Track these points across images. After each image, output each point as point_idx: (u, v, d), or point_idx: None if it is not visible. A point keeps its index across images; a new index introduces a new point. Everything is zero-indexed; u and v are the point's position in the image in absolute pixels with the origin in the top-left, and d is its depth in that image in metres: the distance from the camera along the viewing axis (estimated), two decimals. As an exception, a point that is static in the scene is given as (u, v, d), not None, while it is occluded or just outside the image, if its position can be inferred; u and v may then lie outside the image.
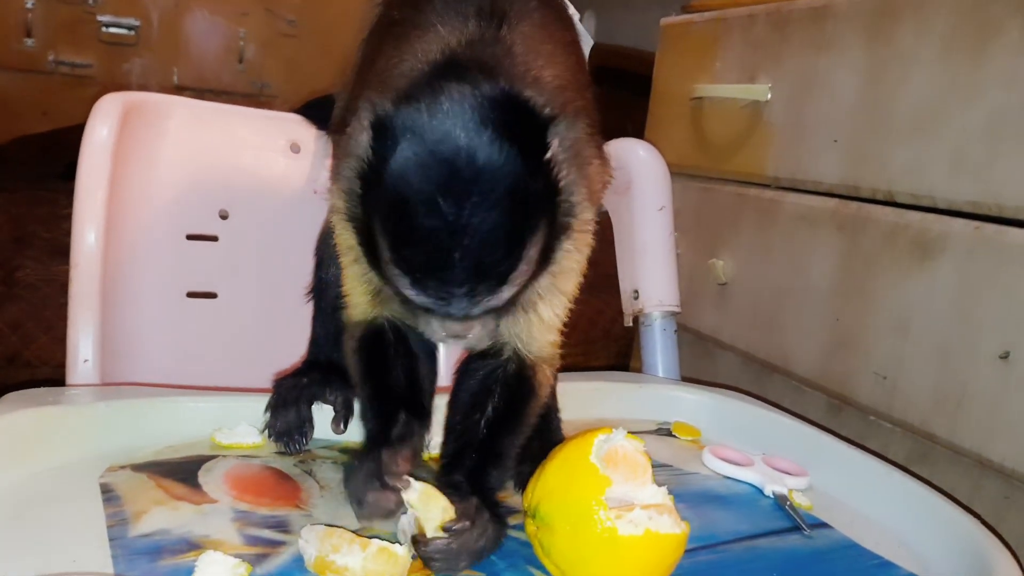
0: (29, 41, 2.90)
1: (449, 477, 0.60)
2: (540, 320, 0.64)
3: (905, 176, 1.10)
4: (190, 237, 0.99)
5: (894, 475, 0.75)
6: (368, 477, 0.57)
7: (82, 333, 0.83)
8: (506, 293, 0.54)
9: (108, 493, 0.59)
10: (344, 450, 0.71)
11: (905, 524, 0.70)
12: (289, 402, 0.70)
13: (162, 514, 0.57)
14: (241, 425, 0.70)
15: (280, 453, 0.69)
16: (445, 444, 0.66)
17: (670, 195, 1.06)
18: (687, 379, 1.01)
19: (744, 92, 1.36)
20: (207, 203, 1.00)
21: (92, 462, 0.62)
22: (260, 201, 1.04)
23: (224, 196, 1.01)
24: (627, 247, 1.02)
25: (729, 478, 0.76)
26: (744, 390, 0.97)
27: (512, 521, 0.62)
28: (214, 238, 1.01)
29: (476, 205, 0.49)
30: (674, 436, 0.84)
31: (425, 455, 0.72)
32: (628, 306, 1.03)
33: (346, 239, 0.63)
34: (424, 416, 0.66)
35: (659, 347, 0.99)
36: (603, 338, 1.83)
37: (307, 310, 0.99)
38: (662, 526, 0.52)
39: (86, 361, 0.83)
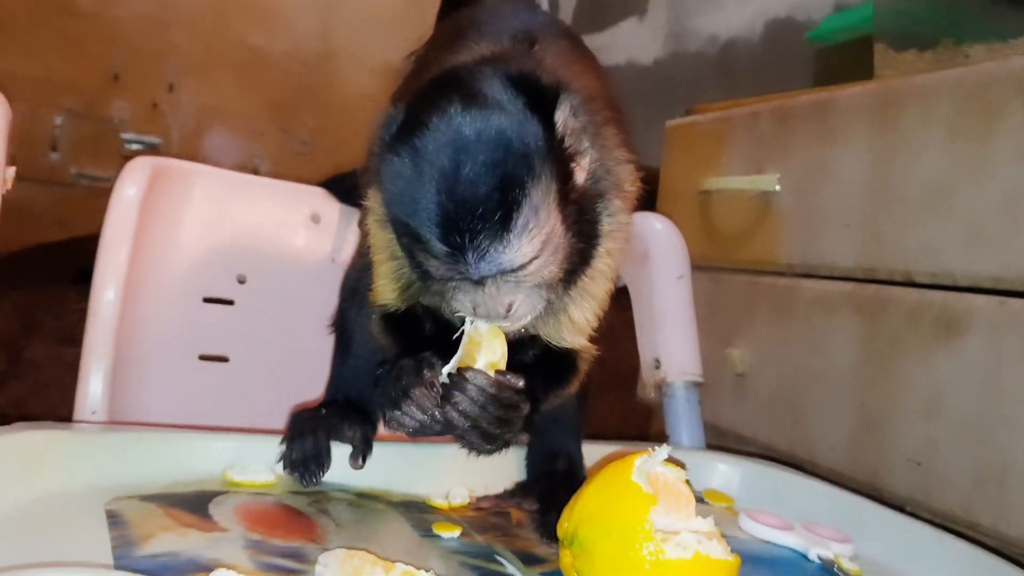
0: (54, 155, 3.01)
1: None
2: (570, 322, 0.64)
3: (923, 256, 1.10)
4: (207, 300, 0.98)
5: (944, 539, 0.70)
6: (411, 372, 0.56)
7: (92, 384, 0.80)
8: (517, 246, 0.53)
9: (114, 518, 0.55)
10: (361, 494, 0.67)
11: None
12: (306, 432, 0.67)
13: (170, 538, 0.53)
14: (254, 464, 0.66)
15: (294, 492, 0.65)
16: None
17: (688, 266, 1.06)
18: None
19: (753, 183, 1.38)
20: (226, 267, 1.00)
21: (98, 491, 0.58)
22: (278, 268, 1.04)
23: (243, 261, 1.01)
24: (646, 316, 1.01)
25: (769, 543, 0.71)
26: (776, 459, 0.93)
27: (541, 570, 0.57)
28: (230, 302, 1.00)
29: (467, 155, 0.51)
30: (706, 503, 0.80)
31: (445, 504, 0.68)
32: (649, 376, 1.01)
33: (379, 237, 0.63)
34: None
35: (683, 418, 0.95)
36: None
37: (319, 380, 0.97)
38: (712, 551, 0.48)
39: (94, 412, 0.80)
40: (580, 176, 0.57)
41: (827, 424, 1.22)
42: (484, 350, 0.57)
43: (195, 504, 0.59)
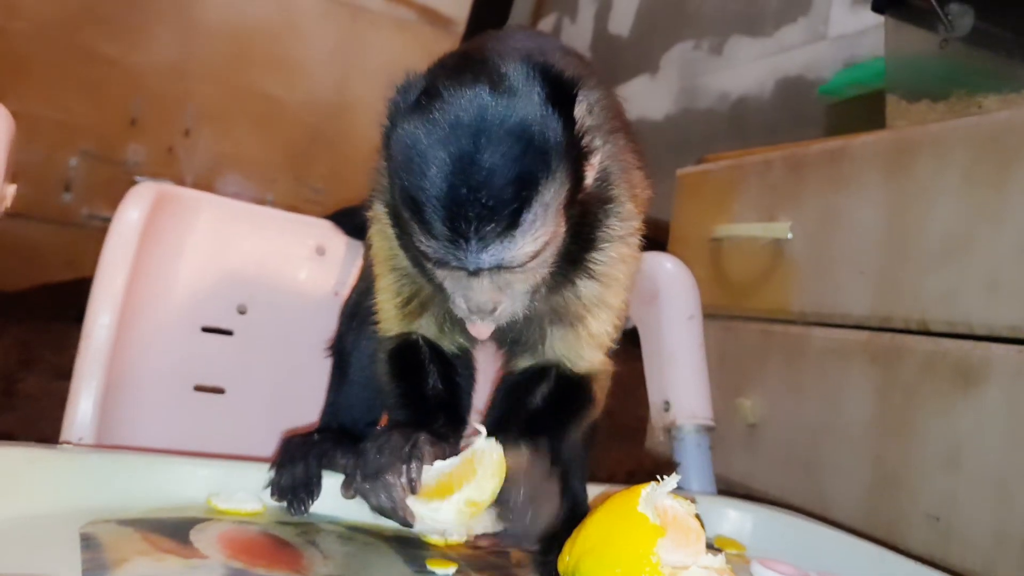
0: (67, 196, 3.04)
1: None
2: (589, 335, 0.61)
3: (939, 304, 1.07)
4: (205, 329, 0.96)
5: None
6: (393, 453, 0.53)
7: (81, 409, 0.78)
8: (520, 243, 0.51)
9: (88, 541, 0.52)
10: (352, 527, 0.63)
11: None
12: (297, 458, 0.64)
13: (145, 563, 0.50)
14: (240, 492, 0.63)
15: (281, 523, 0.61)
16: (486, 418, 0.61)
17: (699, 306, 1.03)
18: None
19: (765, 231, 1.36)
20: (226, 296, 0.98)
21: (75, 513, 0.55)
22: (280, 299, 1.02)
23: (245, 291, 0.99)
24: (656, 357, 0.98)
25: (785, 592, 0.67)
26: (791, 505, 0.89)
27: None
28: (229, 332, 0.97)
29: (486, 141, 0.49)
30: (716, 550, 0.76)
31: (441, 541, 0.64)
32: (658, 419, 0.97)
33: (381, 248, 0.61)
34: (459, 424, 0.61)
35: (693, 462, 0.92)
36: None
37: (316, 415, 0.94)
38: (724, 588, 0.45)
39: (80, 439, 0.77)
40: (590, 175, 0.56)
41: (842, 477, 1.17)
42: (475, 482, 0.54)
43: (175, 530, 0.56)
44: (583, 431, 0.64)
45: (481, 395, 0.74)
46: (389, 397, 0.64)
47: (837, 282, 1.23)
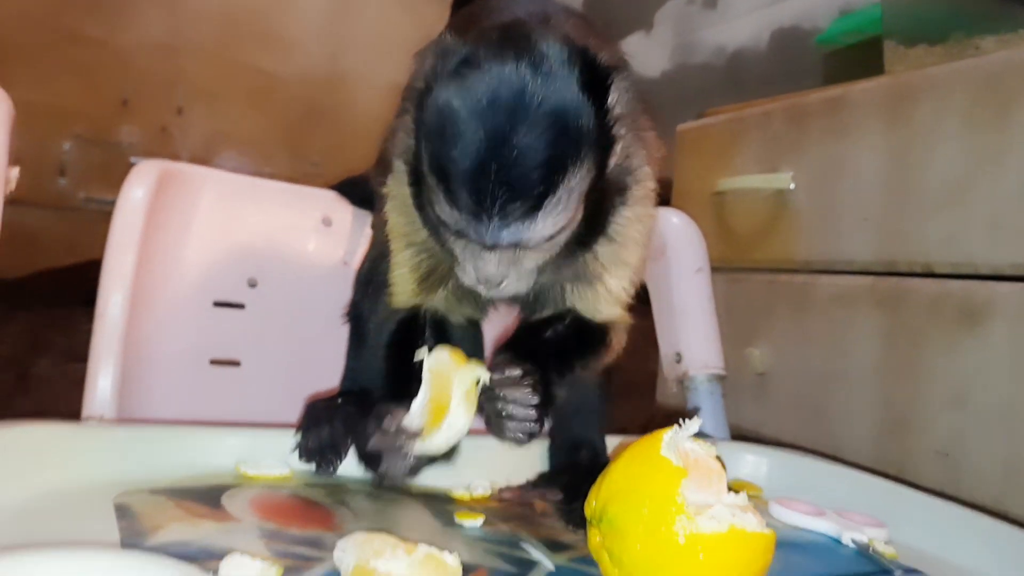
0: (62, 180, 3.02)
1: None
2: (607, 291, 0.62)
3: (942, 246, 1.08)
4: (217, 304, 0.97)
5: (982, 520, 0.68)
6: (384, 441, 0.54)
7: (100, 386, 0.78)
8: (540, 227, 0.52)
9: (122, 511, 0.53)
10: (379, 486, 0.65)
11: (1003, 570, 0.62)
12: (322, 421, 0.65)
13: (181, 528, 0.51)
14: (267, 458, 0.64)
15: (310, 485, 0.63)
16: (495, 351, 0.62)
17: (706, 259, 1.04)
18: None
19: (767, 182, 1.37)
20: (236, 271, 0.99)
21: (106, 486, 0.56)
22: (290, 272, 1.02)
23: (254, 265, 1.00)
24: (666, 310, 0.99)
25: (802, 529, 0.69)
26: (805, 448, 0.91)
27: (564, 557, 0.55)
28: (241, 306, 0.98)
29: (521, 121, 0.49)
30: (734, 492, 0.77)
31: (466, 496, 0.66)
32: (670, 371, 0.99)
33: (397, 224, 0.61)
34: None
35: (706, 410, 0.93)
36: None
37: (331, 384, 0.95)
38: (748, 524, 0.46)
39: (102, 416, 0.78)
40: (612, 162, 0.57)
41: (851, 421, 1.19)
42: (451, 411, 0.54)
43: (207, 496, 0.57)
44: (594, 374, 0.65)
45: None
46: (379, 374, 0.66)
47: (841, 229, 1.24)
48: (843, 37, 1.67)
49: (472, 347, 0.68)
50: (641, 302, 1.07)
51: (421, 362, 0.55)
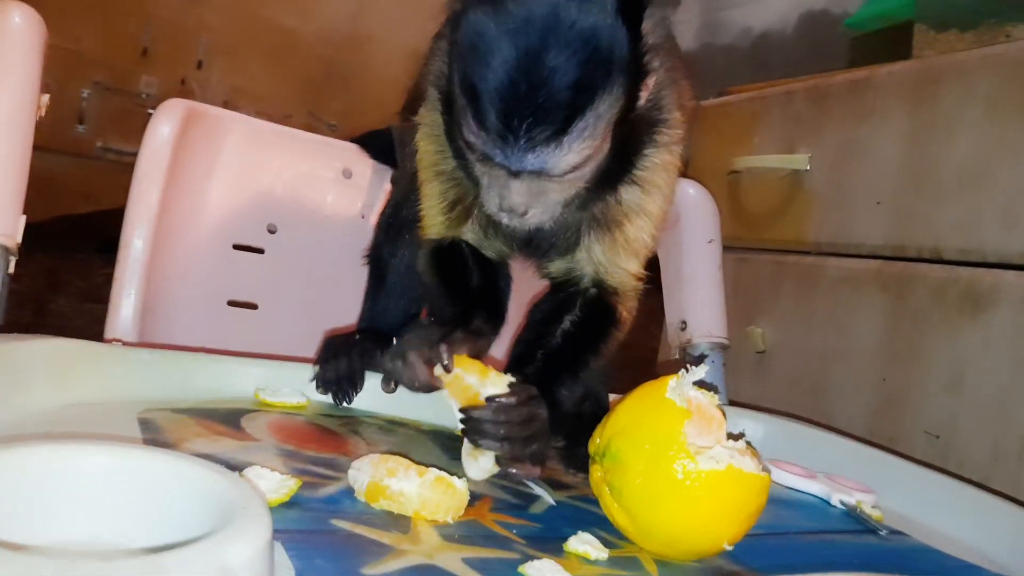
0: (81, 128, 3.03)
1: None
2: (625, 240, 0.62)
3: (954, 233, 1.09)
4: (236, 247, 0.99)
5: (967, 490, 0.70)
6: (421, 340, 0.55)
7: (123, 313, 0.81)
8: (566, 153, 0.52)
9: (146, 424, 0.55)
10: (392, 421, 0.67)
11: (985, 538, 0.64)
12: (340, 354, 0.68)
13: (203, 443, 0.53)
14: (284, 388, 0.67)
15: (325, 415, 0.65)
16: (511, 353, 0.63)
17: (719, 231, 1.05)
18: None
19: (784, 162, 1.38)
20: (256, 216, 1.01)
21: (129, 403, 0.59)
22: (309, 220, 1.04)
23: (274, 211, 1.02)
24: (674, 278, 1.01)
25: (793, 489, 0.71)
26: (800, 416, 0.93)
27: (564, 494, 0.58)
28: (260, 251, 1.00)
29: (553, 43, 0.49)
30: (737, 436, 0.79)
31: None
32: (674, 338, 1.01)
33: (427, 152, 0.63)
34: (499, 321, 0.64)
35: (707, 377, 0.95)
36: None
37: (344, 329, 0.97)
38: (746, 466, 0.48)
39: (122, 341, 0.80)
40: (644, 95, 0.57)
41: (847, 400, 1.21)
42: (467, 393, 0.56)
43: (227, 418, 0.60)
44: (608, 357, 0.66)
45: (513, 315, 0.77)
46: (431, 293, 0.66)
47: (853, 212, 1.25)
48: (872, 21, 1.66)
49: (504, 285, 0.69)
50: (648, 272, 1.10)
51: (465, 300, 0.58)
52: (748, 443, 0.51)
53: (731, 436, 0.51)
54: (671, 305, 1.02)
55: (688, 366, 0.51)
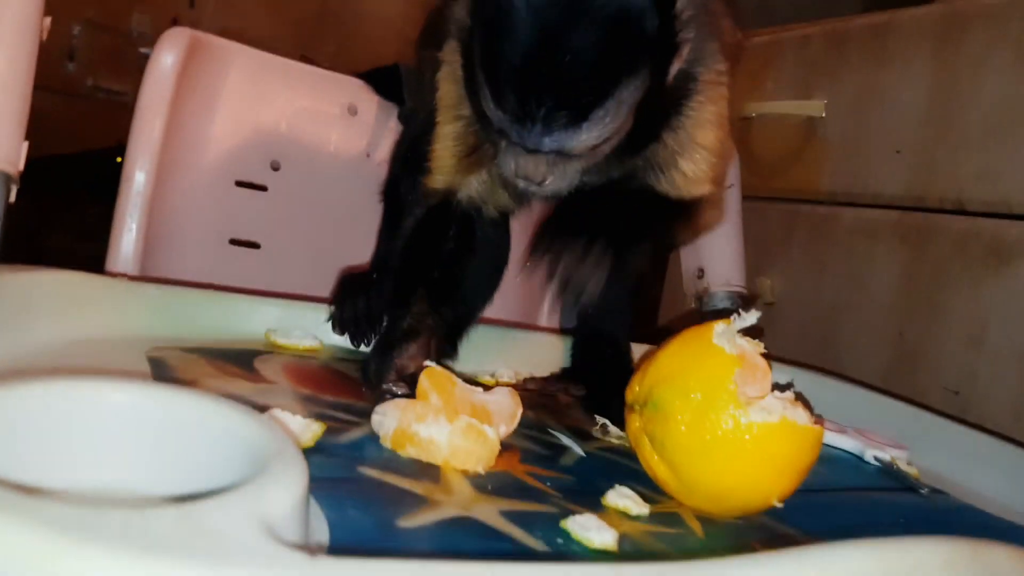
0: (70, 65, 2.93)
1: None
2: (683, 176, 0.59)
3: (978, 183, 1.06)
4: (239, 184, 0.95)
5: (1007, 448, 0.68)
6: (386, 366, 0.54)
7: (124, 246, 0.77)
8: (584, 136, 0.49)
9: (156, 363, 0.52)
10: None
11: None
12: (358, 293, 0.64)
13: (216, 384, 0.50)
14: (296, 330, 0.63)
15: (340, 359, 0.62)
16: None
17: (739, 177, 1.02)
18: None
19: (798, 108, 1.33)
20: (260, 152, 0.96)
21: (137, 340, 0.56)
22: (313, 157, 1.00)
23: (277, 147, 0.97)
24: (694, 225, 0.98)
25: (825, 444, 0.68)
26: (824, 369, 0.91)
27: (592, 446, 0.55)
28: (263, 188, 0.96)
29: (578, 23, 0.46)
30: (783, 387, 0.77)
31: (492, 381, 0.65)
32: (691, 286, 0.98)
33: (449, 92, 0.59)
34: (445, 304, 0.60)
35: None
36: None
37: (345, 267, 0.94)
38: (799, 417, 0.45)
39: (125, 275, 0.77)
40: (673, 71, 0.53)
41: (860, 353, 1.19)
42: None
43: (239, 359, 0.56)
44: (678, 242, 0.62)
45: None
46: (395, 256, 0.64)
47: (871, 161, 1.21)
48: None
49: (497, 252, 0.66)
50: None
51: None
52: (797, 394, 0.49)
53: (777, 386, 0.49)
54: (687, 252, 0.99)
55: (739, 311, 0.47)
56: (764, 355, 0.50)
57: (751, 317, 0.47)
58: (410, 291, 0.60)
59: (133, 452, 0.33)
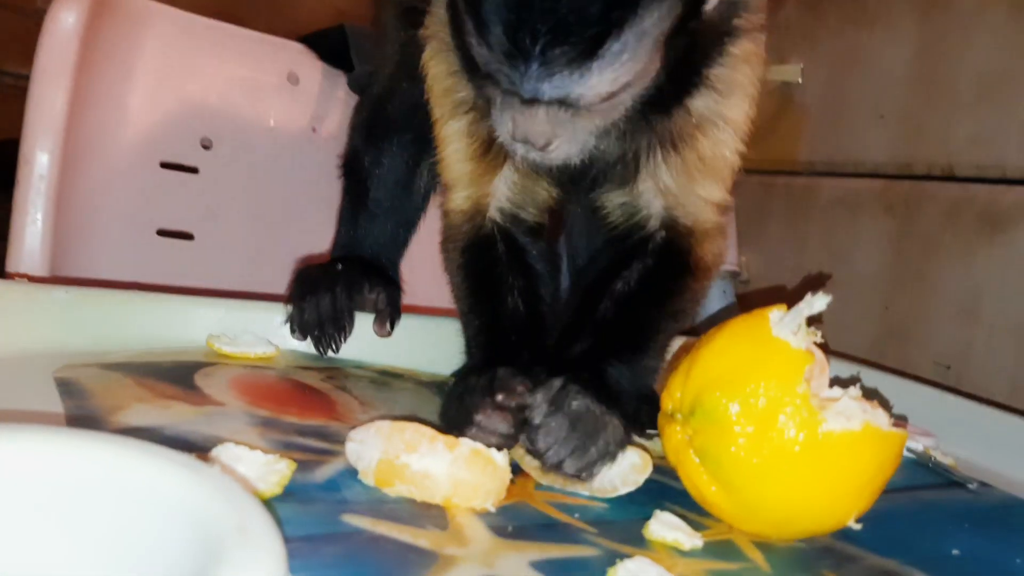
0: (-27, 49, 2.71)
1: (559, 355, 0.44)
2: (700, 160, 0.48)
3: (968, 148, 1.00)
4: (164, 166, 0.82)
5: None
6: (480, 394, 0.41)
7: (28, 242, 0.65)
8: (595, 80, 0.38)
9: (67, 386, 0.41)
10: (384, 372, 0.54)
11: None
12: (321, 290, 0.53)
13: (147, 411, 0.39)
14: (245, 335, 0.52)
15: (301, 368, 0.51)
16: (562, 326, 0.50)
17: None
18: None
19: (774, 74, 1.26)
20: (187, 128, 0.84)
21: (42, 357, 0.44)
22: (250, 133, 0.88)
23: (208, 123, 0.85)
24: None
25: (850, 435, 0.61)
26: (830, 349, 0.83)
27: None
28: (194, 170, 0.84)
29: None
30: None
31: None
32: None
33: (439, 74, 0.48)
34: (545, 358, 0.47)
35: (718, 309, 0.85)
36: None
37: (298, 264, 0.83)
38: (881, 421, 0.37)
39: (26, 276, 0.64)
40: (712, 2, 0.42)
41: (845, 329, 1.13)
42: None
43: (175, 375, 0.45)
44: (688, 312, 0.52)
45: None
46: (463, 318, 0.51)
47: (852, 128, 1.15)
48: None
49: (550, 273, 0.54)
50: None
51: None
52: (866, 390, 0.40)
53: (838, 382, 0.40)
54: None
55: (809, 294, 0.39)
56: (820, 345, 0.41)
57: (821, 302, 0.38)
58: (500, 338, 0.49)
59: (32, 535, 0.22)
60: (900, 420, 0.65)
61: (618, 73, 0.39)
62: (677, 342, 0.52)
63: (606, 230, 0.51)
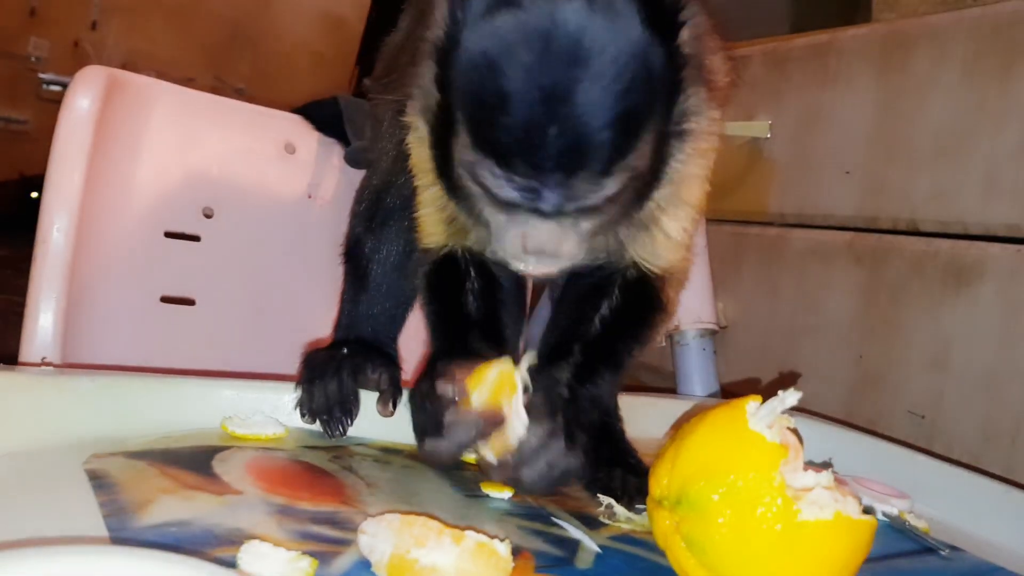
0: (-36, 95, 2.75)
1: (546, 373, 0.49)
2: (666, 237, 0.55)
3: (930, 203, 1.06)
4: (168, 235, 0.86)
5: (1012, 493, 0.65)
6: (429, 416, 0.48)
7: (42, 323, 0.67)
8: (609, 189, 0.45)
9: (98, 480, 0.44)
10: (386, 449, 0.57)
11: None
12: (328, 374, 0.57)
13: (174, 503, 0.42)
14: (256, 415, 0.55)
15: (309, 448, 0.54)
16: (543, 340, 0.56)
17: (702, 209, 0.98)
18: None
19: (743, 129, 1.32)
20: (190, 199, 0.88)
21: (71, 448, 0.47)
22: (249, 202, 0.92)
23: (210, 193, 0.89)
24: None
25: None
26: (808, 410, 0.87)
27: (603, 535, 0.50)
28: (196, 238, 0.87)
29: (581, 73, 0.41)
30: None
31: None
32: (662, 325, 0.93)
33: (422, 158, 0.53)
34: (499, 343, 0.55)
35: (696, 368, 0.89)
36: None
37: (296, 327, 0.86)
38: (851, 510, 0.41)
39: (44, 358, 0.67)
40: (679, 107, 0.49)
41: (820, 378, 1.18)
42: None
43: (195, 462, 0.48)
44: (651, 342, 0.59)
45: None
46: (427, 316, 0.58)
47: (820, 182, 1.21)
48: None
49: (516, 296, 0.60)
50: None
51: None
52: (834, 473, 0.44)
53: (812, 465, 0.44)
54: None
55: (779, 391, 0.43)
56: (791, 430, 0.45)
57: (792, 398, 0.42)
58: (458, 334, 0.55)
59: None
60: (875, 483, 0.68)
61: (622, 178, 0.45)
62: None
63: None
